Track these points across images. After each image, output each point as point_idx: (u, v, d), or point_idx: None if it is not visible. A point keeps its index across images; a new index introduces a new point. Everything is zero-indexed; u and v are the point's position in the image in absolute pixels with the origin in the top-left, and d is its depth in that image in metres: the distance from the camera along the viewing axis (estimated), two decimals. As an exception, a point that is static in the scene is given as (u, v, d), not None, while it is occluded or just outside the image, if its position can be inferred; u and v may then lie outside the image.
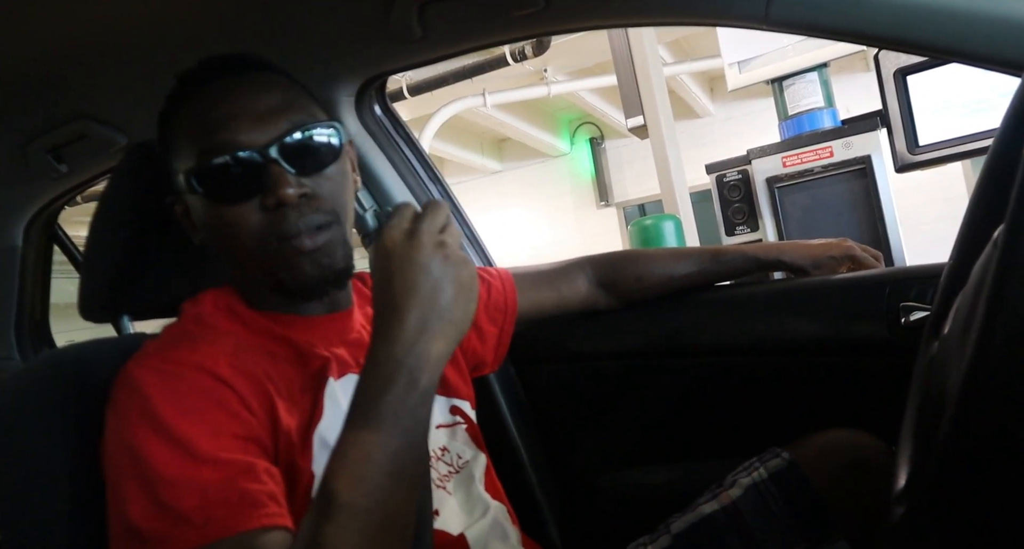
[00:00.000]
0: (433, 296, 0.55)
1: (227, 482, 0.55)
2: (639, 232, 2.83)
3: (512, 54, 4.59)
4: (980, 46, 0.65)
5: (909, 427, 0.61)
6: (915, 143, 1.80)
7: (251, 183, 0.66)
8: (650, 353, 1.10)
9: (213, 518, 0.53)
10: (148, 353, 0.65)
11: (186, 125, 0.70)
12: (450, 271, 0.56)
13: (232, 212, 0.67)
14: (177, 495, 0.54)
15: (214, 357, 0.63)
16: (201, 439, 0.57)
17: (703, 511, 0.87)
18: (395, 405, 0.53)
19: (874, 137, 2.02)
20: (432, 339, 0.54)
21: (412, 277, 0.55)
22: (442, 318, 0.55)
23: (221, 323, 0.71)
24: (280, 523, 0.55)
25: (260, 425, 0.62)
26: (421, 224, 0.57)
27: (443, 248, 0.56)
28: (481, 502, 0.81)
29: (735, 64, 2.34)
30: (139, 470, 0.56)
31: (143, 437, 0.57)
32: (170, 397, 0.59)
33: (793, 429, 0.95)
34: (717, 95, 7.07)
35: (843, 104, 2.29)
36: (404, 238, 0.57)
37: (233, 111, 0.67)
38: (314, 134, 0.69)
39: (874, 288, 0.94)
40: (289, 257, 0.67)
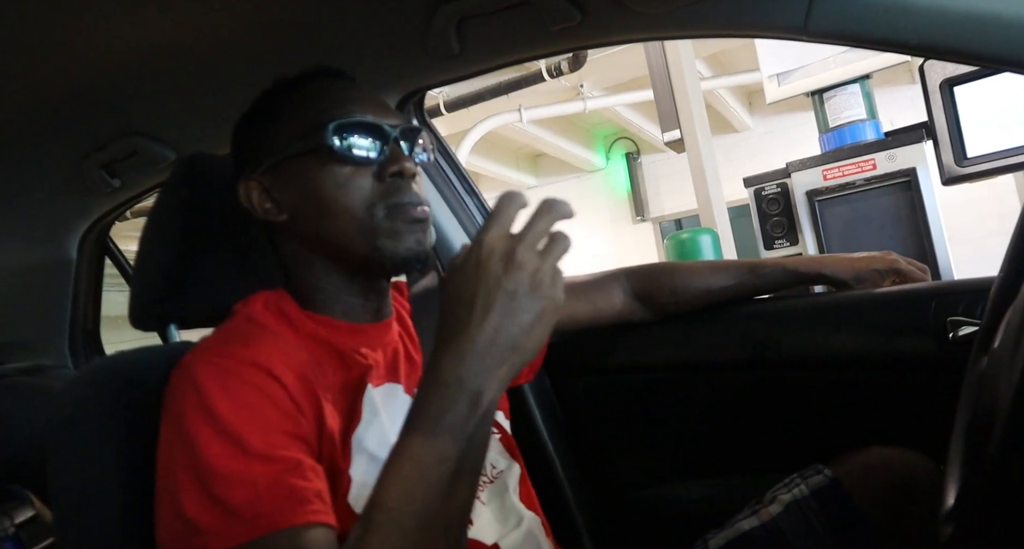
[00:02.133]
0: (512, 325, 0.51)
1: (276, 478, 0.56)
2: (676, 246, 2.81)
3: (548, 70, 4.62)
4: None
5: (958, 444, 0.59)
6: (963, 155, 1.76)
7: (375, 151, 0.72)
8: (687, 367, 1.09)
9: (262, 513, 0.54)
10: (205, 347, 0.67)
11: (310, 101, 0.74)
12: (536, 305, 0.51)
13: (351, 173, 0.71)
14: (228, 488, 0.55)
15: (267, 354, 0.65)
16: (253, 435, 0.58)
17: (742, 527, 0.85)
18: (454, 426, 0.50)
19: (919, 149, 1.97)
20: (500, 365, 0.51)
21: (495, 300, 0.51)
22: (515, 348, 0.51)
23: (271, 323, 0.73)
24: (325, 521, 0.56)
25: (308, 424, 0.63)
26: (522, 242, 0.51)
27: (537, 276, 0.51)
28: (515, 512, 0.81)
29: (774, 76, 2.31)
30: (192, 461, 0.57)
31: (198, 429, 0.58)
32: (225, 392, 0.60)
33: (835, 445, 0.93)
34: (755, 109, 7.01)
35: (886, 117, 2.25)
36: (501, 257, 0.51)
37: (362, 97, 0.75)
38: (423, 133, 0.77)
39: (920, 302, 0.92)
40: (396, 224, 0.71)
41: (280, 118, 0.75)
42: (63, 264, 1.47)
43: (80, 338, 1.53)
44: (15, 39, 0.86)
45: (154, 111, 1.10)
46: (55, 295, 1.50)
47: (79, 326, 1.53)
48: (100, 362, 0.73)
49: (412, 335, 0.84)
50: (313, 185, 0.72)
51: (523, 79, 4.72)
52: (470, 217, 1.27)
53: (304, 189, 0.73)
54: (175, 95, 1.06)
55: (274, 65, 0.80)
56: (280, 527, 0.54)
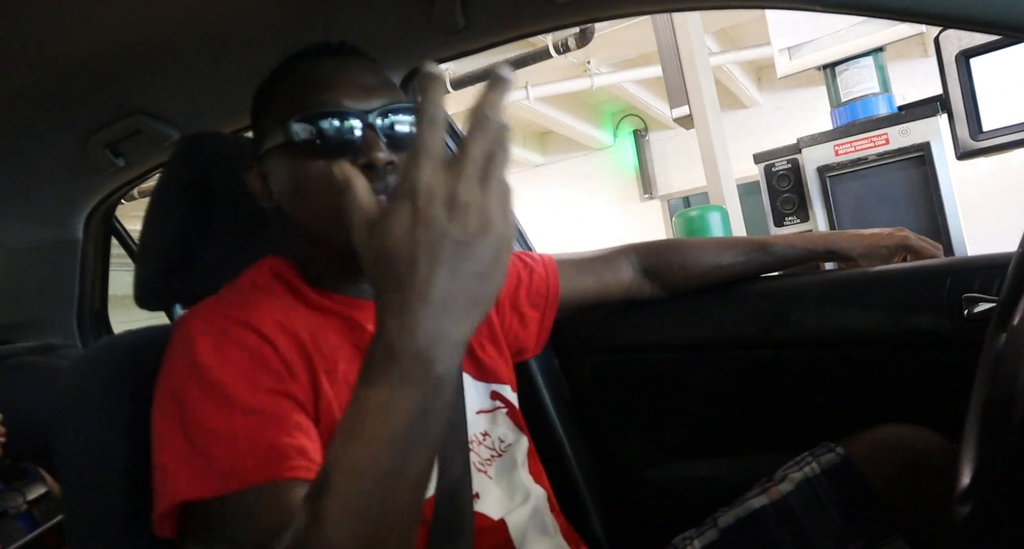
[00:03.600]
0: (465, 276, 0.43)
1: (257, 431, 0.57)
2: (684, 223, 2.79)
3: (555, 46, 4.56)
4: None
5: (974, 423, 0.58)
6: (978, 129, 1.72)
7: (347, 142, 0.70)
8: (696, 345, 1.08)
9: (239, 467, 0.55)
10: (203, 307, 0.68)
11: (292, 88, 0.73)
12: (489, 247, 0.44)
13: (323, 167, 0.69)
14: (209, 441, 0.56)
15: (261, 316, 0.66)
16: (237, 389, 0.59)
17: (752, 505, 0.85)
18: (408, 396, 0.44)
19: (934, 123, 1.94)
20: (459, 322, 0.44)
21: (443, 252, 0.43)
22: (473, 301, 0.44)
23: (276, 289, 0.74)
24: (304, 476, 0.55)
25: (299, 387, 0.64)
26: (463, 178, 0.43)
27: (485, 213, 0.43)
28: (523, 488, 0.81)
29: (785, 50, 2.27)
30: (179, 413, 0.59)
31: (186, 385, 0.60)
32: (214, 349, 0.62)
33: (846, 424, 0.93)
34: (765, 84, 6.92)
35: (898, 92, 2.21)
36: (443, 201, 0.43)
37: (341, 79, 0.72)
38: (404, 114, 0.73)
39: (934, 278, 0.90)
40: None
41: (269, 106, 0.75)
42: (69, 244, 1.47)
43: (88, 317, 1.54)
44: (17, 18, 0.85)
45: (157, 89, 1.09)
46: (62, 275, 1.50)
47: (87, 305, 1.54)
48: (106, 341, 0.73)
49: None
50: (290, 178, 0.72)
51: (530, 56, 4.67)
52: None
53: (284, 181, 0.73)
54: (178, 73, 1.04)
55: (277, 42, 0.79)
56: (257, 482, 0.54)
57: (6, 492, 1.29)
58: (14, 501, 1.28)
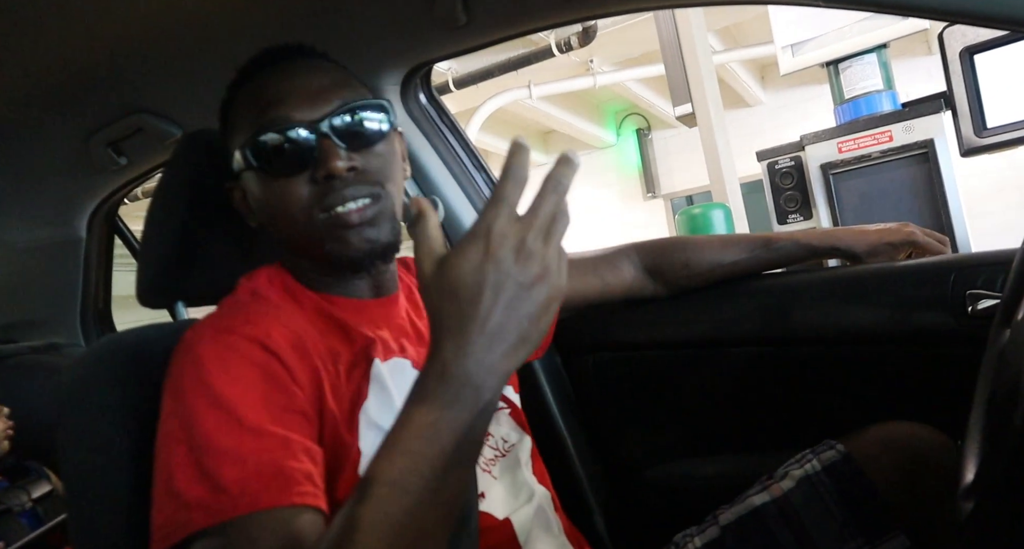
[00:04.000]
0: (520, 317, 0.47)
1: (266, 455, 0.56)
2: (687, 221, 2.78)
3: (558, 45, 4.56)
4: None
5: (977, 419, 0.58)
6: (982, 125, 1.71)
7: (302, 157, 0.69)
8: (699, 343, 1.08)
9: (248, 491, 0.54)
10: (205, 323, 0.67)
11: (243, 106, 0.73)
12: (544, 294, 0.47)
13: (283, 185, 0.70)
14: (219, 463, 0.55)
15: (266, 329, 0.65)
16: (248, 409, 0.58)
17: (753, 503, 0.84)
18: (457, 421, 0.47)
19: (937, 120, 1.93)
20: (507, 357, 0.48)
21: (505, 292, 0.46)
22: (523, 339, 0.48)
23: (274, 297, 0.73)
24: (312, 503, 0.55)
25: (307, 399, 0.63)
26: (532, 229, 0.47)
27: (544, 263, 0.47)
28: (527, 488, 0.81)
29: (788, 47, 2.26)
30: (187, 435, 0.57)
31: (194, 403, 0.58)
32: (222, 367, 0.60)
33: (849, 421, 0.92)
34: (768, 83, 6.90)
35: (901, 90, 2.20)
36: (513, 246, 0.47)
37: (287, 90, 0.71)
38: (363, 111, 0.72)
39: (938, 275, 0.90)
40: (336, 229, 0.70)
41: (229, 128, 0.75)
42: (73, 243, 1.47)
43: (91, 316, 1.55)
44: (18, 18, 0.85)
45: (158, 87, 1.09)
46: (66, 274, 1.50)
47: (90, 305, 1.54)
48: (108, 339, 0.73)
49: (421, 310, 0.83)
50: (258, 198, 0.73)
51: (532, 55, 4.67)
52: (479, 193, 1.26)
53: (257, 202, 0.74)
54: (179, 71, 1.04)
55: (277, 38, 0.78)
56: (266, 507, 0.53)
57: (11, 490, 1.30)
58: (18, 499, 1.28)
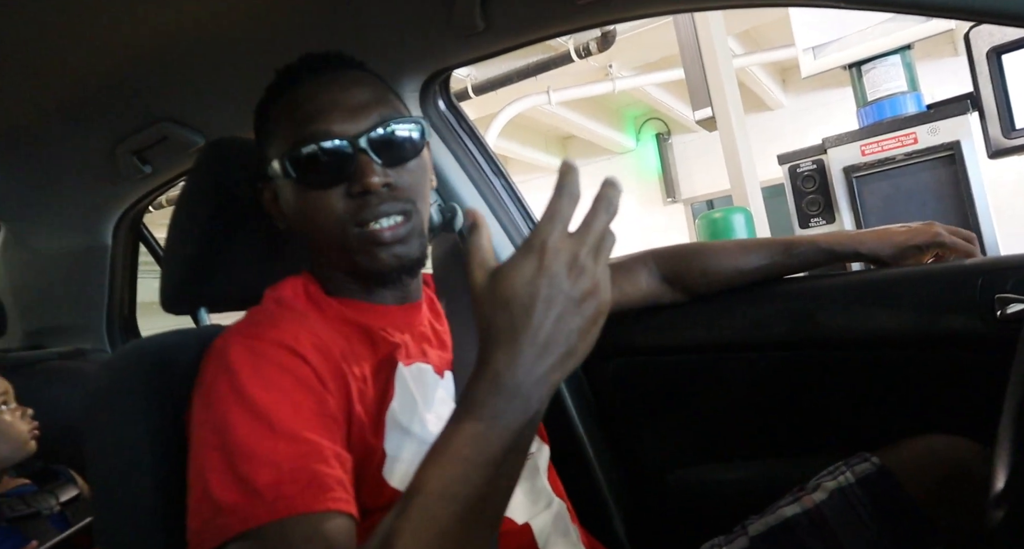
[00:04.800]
0: (570, 330, 0.48)
1: (300, 460, 0.56)
2: (708, 225, 2.76)
3: (576, 50, 4.56)
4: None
5: (1008, 426, 0.57)
6: (1011, 126, 1.68)
7: (340, 171, 0.70)
8: (719, 347, 1.07)
9: (283, 495, 0.54)
10: (235, 330, 0.68)
11: (283, 115, 0.74)
12: (592, 309, 0.49)
13: (320, 197, 0.71)
14: (253, 469, 0.55)
15: (294, 335, 0.66)
16: (281, 414, 0.58)
17: (783, 514, 0.83)
18: (506, 429, 0.48)
19: (964, 121, 1.89)
20: (555, 369, 0.49)
21: (557, 305, 0.48)
22: (570, 352, 0.49)
23: (299, 305, 0.74)
24: (345, 509, 0.56)
25: (335, 403, 0.64)
26: (583, 246, 0.49)
27: (595, 279, 0.49)
28: (545, 494, 0.81)
29: (810, 49, 2.24)
30: (222, 441, 0.58)
31: (227, 409, 0.59)
32: (254, 372, 0.61)
33: (876, 427, 0.91)
34: (789, 86, 6.85)
35: (927, 92, 2.17)
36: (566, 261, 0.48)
37: (328, 103, 0.72)
38: (400, 128, 0.73)
39: (966, 279, 0.88)
40: (369, 245, 0.71)
41: (265, 132, 0.77)
42: (99, 250, 1.50)
43: (117, 322, 1.57)
44: (45, 29, 0.87)
45: (182, 96, 1.11)
46: (92, 281, 1.53)
47: (116, 311, 1.57)
48: (133, 345, 0.74)
49: (441, 317, 0.84)
50: (292, 206, 0.75)
51: (551, 60, 4.68)
52: (498, 200, 1.26)
53: (290, 209, 0.76)
54: (201, 79, 1.06)
55: (298, 45, 0.79)
56: (300, 511, 0.54)
57: (39, 494, 1.32)
58: (47, 502, 1.30)
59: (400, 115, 0.74)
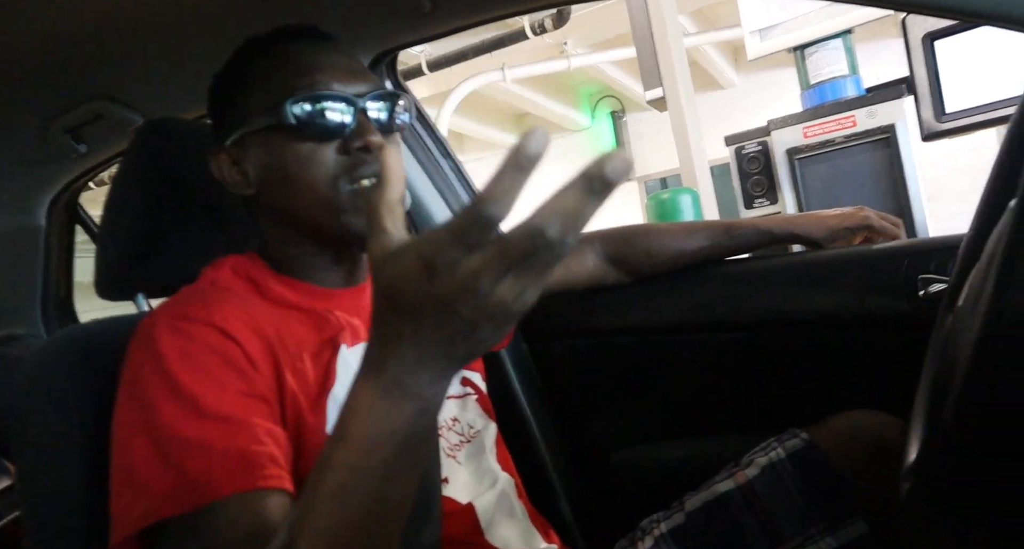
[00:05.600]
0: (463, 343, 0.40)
1: (229, 440, 0.56)
2: (656, 206, 2.81)
3: (531, 27, 4.53)
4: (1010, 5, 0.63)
5: (922, 402, 0.60)
6: (942, 110, 1.75)
7: (337, 126, 0.70)
8: (664, 328, 1.10)
9: (214, 478, 0.54)
10: (162, 310, 0.66)
11: (269, 70, 0.72)
12: (494, 329, 0.40)
13: (312, 149, 0.70)
14: (182, 452, 0.55)
15: (224, 314, 0.65)
16: (208, 396, 0.58)
17: (718, 490, 0.87)
18: (391, 430, 0.43)
19: (899, 105, 1.96)
20: (446, 370, 0.43)
21: (448, 325, 0.39)
22: (467, 357, 0.42)
23: (236, 287, 0.72)
24: (278, 485, 0.56)
25: (265, 384, 0.63)
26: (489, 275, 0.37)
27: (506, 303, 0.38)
28: (491, 473, 0.82)
29: (756, 32, 2.28)
30: (148, 425, 0.57)
31: (154, 392, 0.58)
32: (181, 354, 0.60)
33: (810, 404, 0.95)
34: (741, 65, 6.92)
35: (872, 72, 2.23)
36: (460, 284, 0.37)
37: (326, 61, 0.72)
38: (393, 98, 0.74)
39: (892, 260, 0.92)
40: (360, 202, 0.70)
41: (246, 87, 0.73)
42: (32, 232, 1.44)
43: (52, 307, 1.52)
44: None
45: (120, 74, 1.06)
46: (25, 264, 1.47)
47: (51, 294, 1.51)
48: (66, 331, 0.72)
49: None
50: (276, 161, 0.71)
51: (506, 37, 4.63)
52: (445, 181, 1.25)
53: (268, 164, 0.72)
54: (141, 57, 1.02)
55: (242, 26, 0.77)
56: (232, 492, 0.53)
57: (-28, 484, 1.28)
58: (-20, 492, 1.27)
59: (386, 90, 0.74)
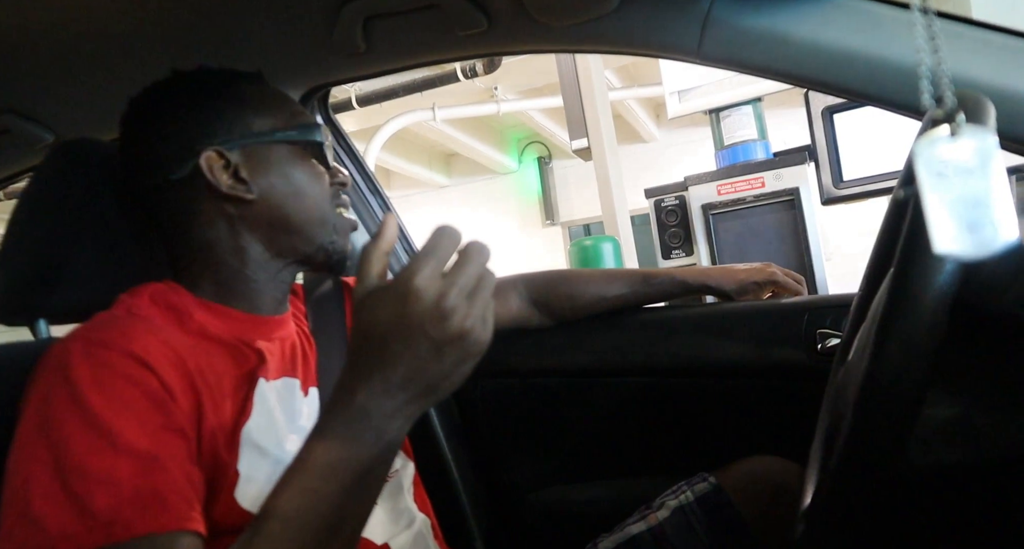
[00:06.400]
0: (431, 371, 0.48)
1: (142, 478, 0.53)
2: (579, 252, 2.89)
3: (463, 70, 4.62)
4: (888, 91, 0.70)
5: (816, 449, 0.64)
6: (839, 178, 1.90)
7: (324, 160, 0.78)
8: (583, 371, 1.12)
9: (121, 517, 0.51)
10: (77, 336, 0.62)
11: (275, 95, 0.79)
12: (461, 352, 0.48)
13: (322, 172, 0.78)
14: (89, 488, 0.52)
15: (144, 344, 0.62)
16: (124, 429, 0.55)
17: (631, 532, 0.89)
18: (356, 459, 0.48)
19: (802, 170, 2.12)
20: (411, 405, 0.49)
21: (417, 347, 0.47)
22: (431, 391, 0.49)
23: (154, 317, 0.69)
24: (190, 527, 0.54)
25: (184, 416, 0.61)
26: (453, 288, 0.47)
27: (466, 323, 0.47)
28: (407, 513, 0.81)
29: (675, 93, 2.42)
30: (54, 457, 0.53)
31: (64, 422, 0.55)
32: (97, 383, 0.57)
33: (718, 448, 0.99)
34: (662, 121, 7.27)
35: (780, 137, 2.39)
36: (430, 303, 0.46)
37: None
38: None
39: (794, 314, 0.99)
40: (343, 228, 0.79)
41: (252, 104, 0.76)
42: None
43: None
44: None
45: (32, 89, 1.02)
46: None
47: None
48: None
49: (307, 333, 0.83)
50: (294, 173, 0.76)
51: (437, 78, 4.71)
52: (372, 217, 1.26)
53: (283, 175, 0.75)
54: (57, 75, 0.98)
55: (170, 55, 0.77)
56: (141, 533, 0.51)
57: None
58: None
59: None
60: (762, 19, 0.75)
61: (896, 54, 0.69)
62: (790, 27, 0.74)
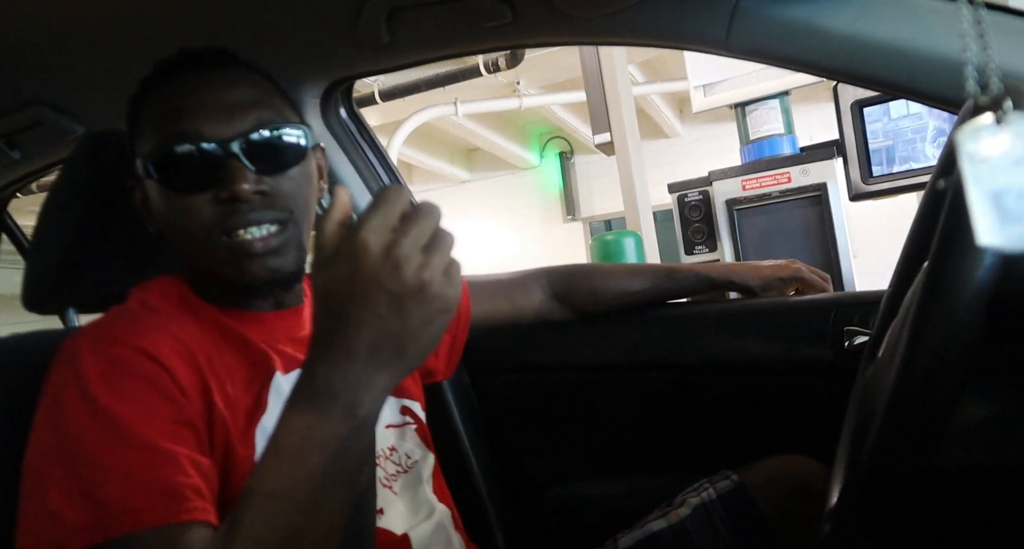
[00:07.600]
0: (395, 331, 0.45)
1: (153, 471, 0.54)
2: (600, 247, 2.87)
3: (485, 65, 4.61)
4: (923, 83, 0.68)
5: (844, 448, 0.63)
6: (869, 173, 1.87)
7: (208, 175, 0.66)
8: (604, 367, 1.12)
9: (132, 509, 0.52)
10: (88, 331, 0.63)
11: (153, 111, 0.70)
12: (423, 307, 0.45)
13: (185, 201, 0.67)
14: (100, 481, 0.53)
15: (153, 339, 0.62)
16: (134, 422, 0.56)
17: (651, 528, 0.88)
18: (325, 439, 0.47)
19: (830, 166, 2.08)
20: (379, 373, 0.47)
21: (374, 303, 0.44)
22: (399, 355, 0.46)
23: (167, 309, 0.70)
24: (201, 518, 0.54)
25: (194, 410, 0.61)
26: (405, 237, 0.45)
27: (423, 273, 0.44)
28: (427, 504, 0.82)
29: (700, 87, 2.39)
30: (67, 452, 0.54)
31: (75, 417, 0.56)
32: (106, 378, 0.58)
33: (740, 446, 0.97)
34: (686, 116, 7.20)
35: (807, 132, 2.36)
36: (380, 253, 0.44)
37: (201, 102, 0.67)
38: (280, 133, 0.69)
39: (821, 311, 0.97)
40: (237, 255, 0.67)
41: (136, 131, 0.72)
42: (-47, 239, 1.37)
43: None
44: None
45: (62, 81, 1.04)
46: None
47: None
48: None
49: None
50: (157, 209, 0.71)
51: (460, 72, 4.70)
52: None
53: (156, 212, 0.71)
54: (86, 66, 1.00)
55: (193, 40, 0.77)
56: (150, 525, 0.52)
57: None
58: None
59: (283, 119, 0.70)
60: (792, 9, 0.74)
61: (932, 44, 0.68)
62: (821, 17, 0.72)
